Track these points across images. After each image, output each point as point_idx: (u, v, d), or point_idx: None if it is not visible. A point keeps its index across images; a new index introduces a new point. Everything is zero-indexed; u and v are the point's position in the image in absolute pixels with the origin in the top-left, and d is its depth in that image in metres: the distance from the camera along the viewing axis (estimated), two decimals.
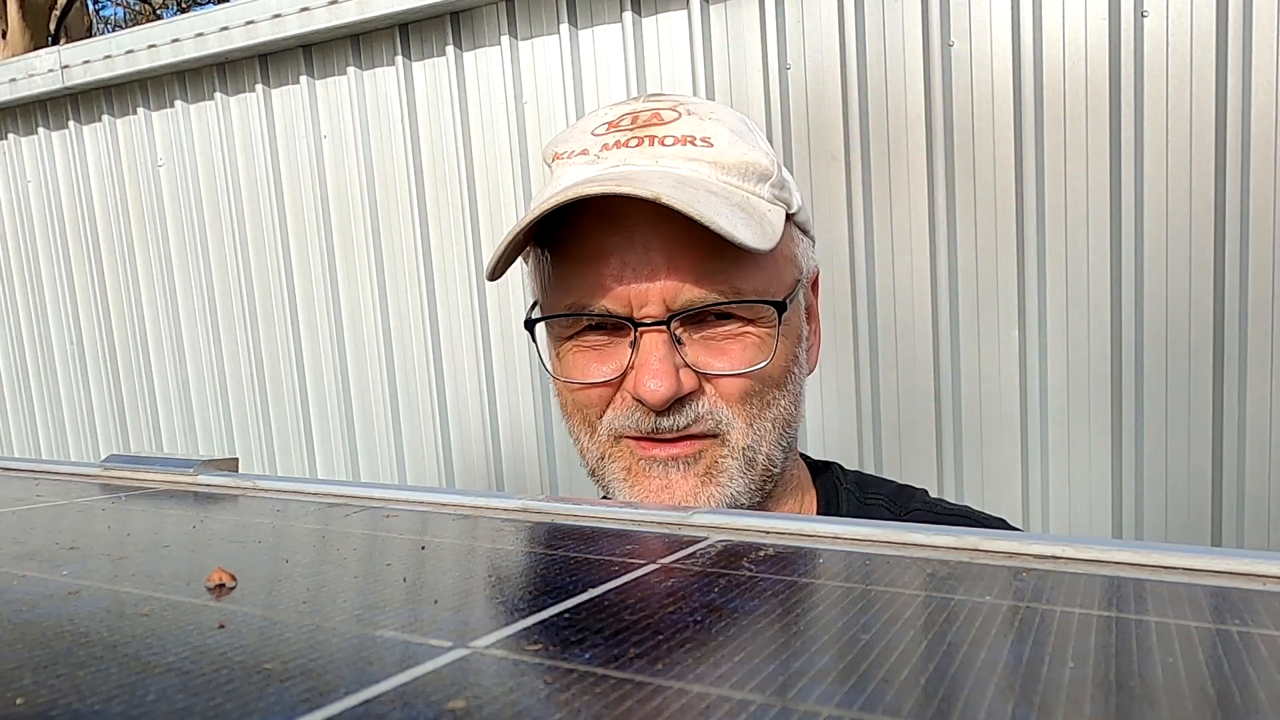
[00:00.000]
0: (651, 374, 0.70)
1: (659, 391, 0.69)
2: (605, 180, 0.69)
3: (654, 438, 0.73)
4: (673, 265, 0.70)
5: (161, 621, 0.32)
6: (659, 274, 0.70)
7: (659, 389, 0.69)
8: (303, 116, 2.50)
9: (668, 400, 0.70)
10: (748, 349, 0.73)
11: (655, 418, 0.72)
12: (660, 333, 0.71)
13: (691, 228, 0.69)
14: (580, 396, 0.76)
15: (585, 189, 0.68)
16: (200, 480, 0.65)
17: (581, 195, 0.68)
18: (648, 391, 0.70)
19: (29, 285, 3.06)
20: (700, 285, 0.71)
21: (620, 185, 0.67)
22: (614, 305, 0.72)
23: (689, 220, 0.68)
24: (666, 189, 0.67)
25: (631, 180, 0.68)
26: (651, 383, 0.70)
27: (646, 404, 0.71)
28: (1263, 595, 0.34)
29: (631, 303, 0.71)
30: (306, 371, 2.61)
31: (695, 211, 0.66)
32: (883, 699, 0.25)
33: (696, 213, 0.66)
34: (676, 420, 0.72)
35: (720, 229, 0.66)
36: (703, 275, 0.71)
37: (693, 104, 0.78)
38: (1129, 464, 1.82)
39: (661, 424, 0.72)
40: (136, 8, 14.06)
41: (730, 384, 0.73)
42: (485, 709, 0.24)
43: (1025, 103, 1.80)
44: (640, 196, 0.66)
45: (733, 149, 0.74)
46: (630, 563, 0.40)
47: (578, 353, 0.76)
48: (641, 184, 0.67)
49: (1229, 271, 1.71)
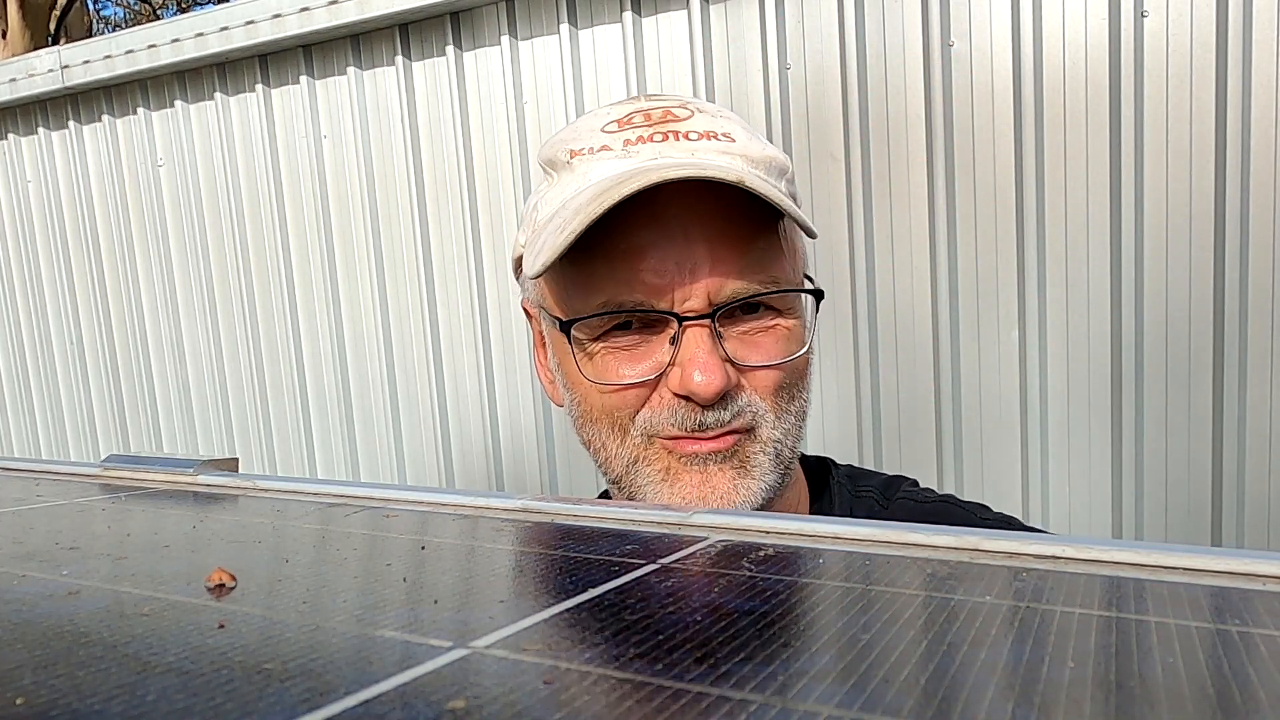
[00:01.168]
0: (701, 367, 0.68)
1: (712, 384, 0.68)
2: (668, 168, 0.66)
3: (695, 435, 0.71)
4: (716, 258, 0.69)
5: (161, 621, 0.32)
6: (702, 267, 0.69)
7: (712, 381, 0.68)
8: (303, 116, 2.50)
9: (719, 393, 0.69)
10: (780, 341, 0.73)
11: (701, 413, 0.70)
12: (704, 326, 0.70)
13: (729, 219, 0.69)
14: (611, 400, 0.74)
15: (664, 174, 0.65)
16: (200, 480, 0.65)
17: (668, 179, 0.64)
18: (698, 385, 0.68)
19: (29, 285, 3.06)
20: (743, 277, 0.70)
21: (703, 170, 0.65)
22: (654, 300, 0.70)
23: (726, 211, 0.68)
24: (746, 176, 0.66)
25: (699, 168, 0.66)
26: (701, 376, 0.68)
27: (697, 398, 0.69)
28: (1263, 595, 0.34)
29: (674, 297, 0.70)
30: (306, 371, 2.61)
31: (776, 198, 0.66)
32: (883, 699, 0.25)
33: (777, 199, 0.66)
34: (721, 415, 0.70)
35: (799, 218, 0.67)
36: (745, 268, 0.70)
37: (698, 103, 0.77)
38: (1129, 464, 1.82)
39: (707, 419, 0.70)
40: (136, 8, 14.07)
41: (765, 377, 0.72)
42: (485, 709, 0.24)
43: (1025, 103, 1.81)
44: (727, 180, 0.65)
45: (753, 144, 0.74)
46: (630, 563, 0.40)
47: (608, 354, 0.73)
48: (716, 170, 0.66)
49: (1229, 271, 1.71)
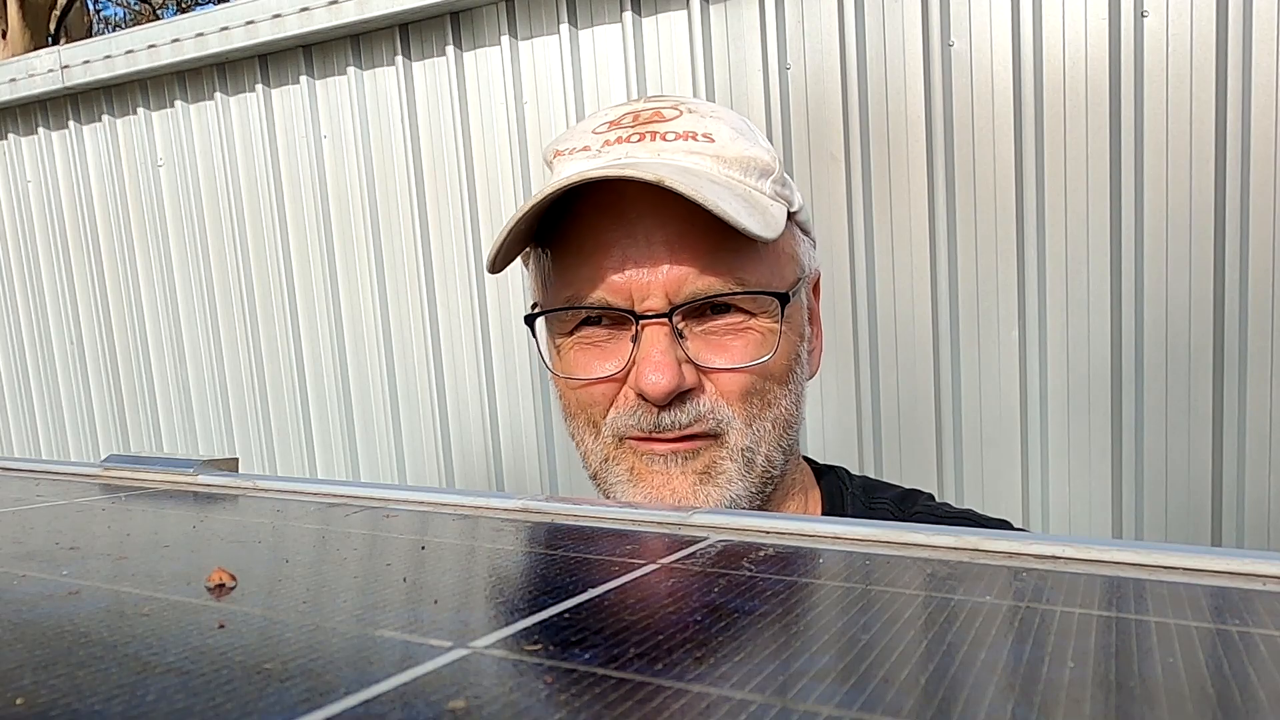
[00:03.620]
0: (653, 367, 0.68)
1: (660, 384, 0.68)
2: (607, 168, 0.68)
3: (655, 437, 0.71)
4: (676, 257, 0.69)
5: (161, 621, 0.32)
6: (661, 266, 0.69)
7: (660, 381, 0.68)
8: (303, 116, 2.50)
9: (669, 394, 0.69)
10: (750, 344, 0.72)
11: (657, 414, 0.70)
12: (662, 325, 0.70)
13: (694, 220, 0.68)
14: (583, 395, 0.74)
15: (587, 174, 0.67)
16: (200, 480, 0.65)
17: (583, 179, 0.67)
18: (649, 384, 0.68)
19: (29, 285, 3.06)
20: (704, 277, 0.69)
21: (624, 170, 0.67)
22: (614, 298, 0.71)
23: (691, 212, 0.67)
24: (669, 175, 0.66)
25: (634, 168, 0.67)
26: (652, 375, 0.68)
27: (648, 397, 0.69)
28: (1263, 595, 0.34)
29: (633, 295, 0.70)
30: (306, 371, 2.61)
31: (700, 196, 0.65)
32: (883, 699, 0.25)
33: (701, 197, 0.65)
34: (678, 417, 0.70)
35: (724, 214, 0.65)
36: (707, 266, 0.69)
37: (694, 104, 0.77)
38: (1129, 464, 1.82)
39: (663, 420, 0.70)
40: (136, 8, 14.06)
41: (731, 380, 0.71)
42: (485, 709, 0.24)
43: (1025, 103, 1.80)
44: (643, 179, 0.65)
45: (734, 144, 0.73)
46: (630, 563, 0.40)
47: (579, 349, 0.74)
48: (645, 170, 0.66)
49: (1229, 271, 1.71)
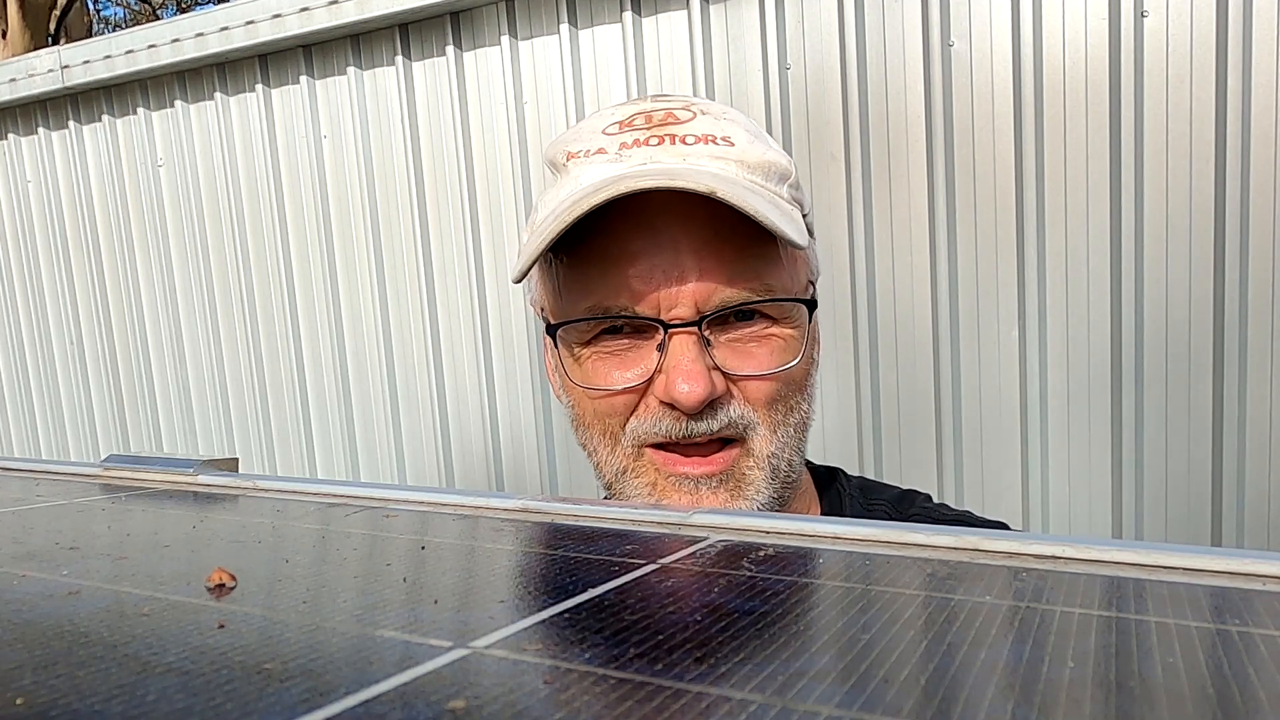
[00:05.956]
0: (685, 376, 0.67)
1: (694, 393, 0.67)
2: (647, 175, 0.66)
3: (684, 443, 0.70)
4: (704, 266, 0.68)
5: (161, 621, 0.32)
6: (690, 276, 0.68)
7: (694, 390, 0.67)
8: (303, 116, 2.50)
9: (702, 402, 0.68)
10: (775, 351, 0.71)
11: (687, 422, 0.69)
12: (690, 334, 0.69)
13: (719, 226, 0.67)
14: (602, 405, 0.73)
15: (634, 183, 0.64)
16: (200, 480, 0.65)
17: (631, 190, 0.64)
18: (681, 394, 0.67)
19: (29, 285, 3.06)
20: (733, 285, 0.69)
21: (673, 180, 0.64)
22: (641, 307, 0.69)
23: (715, 218, 0.66)
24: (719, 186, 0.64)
25: (675, 175, 0.65)
26: (685, 385, 0.67)
27: (680, 407, 0.68)
28: (1263, 595, 0.34)
29: (660, 304, 0.69)
30: (306, 371, 2.61)
31: (751, 207, 0.64)
32: (883, 699, 0.25)
33: (752, 208, 0.64)
34: (710, 424, 0.69)
35: (772, 225, 0.64)
36: (735, 275, 0.69)
37: (704, 104, 0.76)
38: (1129, 464, 1.82)
39: (695, 428, 0.69)
40: (136, 8, 14.06)
41: (757, 387, 0.71)
42: (485, 709, 0.24)
43: (1025, 103, 1.81)
44: (696, 191, 0.64)
45: (753, 148, 0.72)
46: (630, 563, 0.40)
47: (598, 359, 0.73)
48: (692, 180, 0.64)
49: (1229, 271, 1.71)
